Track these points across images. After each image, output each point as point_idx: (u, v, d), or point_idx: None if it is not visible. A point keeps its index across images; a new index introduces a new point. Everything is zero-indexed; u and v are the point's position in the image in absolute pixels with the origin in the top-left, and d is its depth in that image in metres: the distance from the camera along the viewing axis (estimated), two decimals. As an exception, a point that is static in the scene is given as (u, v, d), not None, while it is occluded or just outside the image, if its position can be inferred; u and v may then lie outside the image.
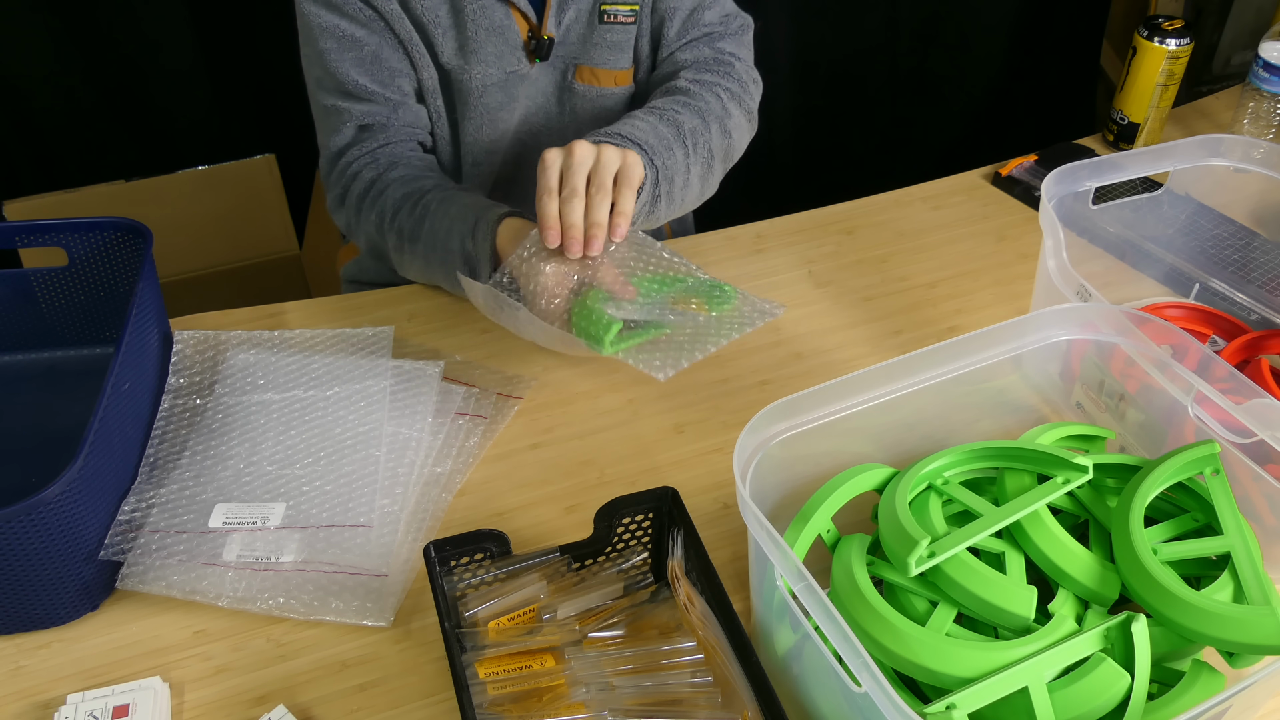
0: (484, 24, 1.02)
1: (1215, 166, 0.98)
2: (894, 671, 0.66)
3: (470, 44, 1.03)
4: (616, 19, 1.07)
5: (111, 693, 0.72)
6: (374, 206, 1.03)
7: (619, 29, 1.08)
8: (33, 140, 1.66)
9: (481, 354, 1.02)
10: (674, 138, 0.97)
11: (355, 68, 1.03)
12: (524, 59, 1.06)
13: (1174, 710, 0.61)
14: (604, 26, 1.07)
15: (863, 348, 1.04)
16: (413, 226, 0.99)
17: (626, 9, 1.07)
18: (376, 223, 1.03)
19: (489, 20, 1.02)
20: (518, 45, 1.04)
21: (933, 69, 1.97)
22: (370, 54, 1.02)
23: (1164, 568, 0.65)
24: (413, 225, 0.99)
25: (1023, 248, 1.17)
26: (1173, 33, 1.22)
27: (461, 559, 0.72)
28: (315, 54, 1.03)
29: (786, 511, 0.74)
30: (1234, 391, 0.73)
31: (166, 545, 0.79)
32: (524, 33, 1.05)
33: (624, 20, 1.07)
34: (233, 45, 1.67)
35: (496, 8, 1.02)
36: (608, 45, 1.08)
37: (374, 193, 1.03)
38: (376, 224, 1.03)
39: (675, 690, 0.68)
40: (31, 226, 0.94)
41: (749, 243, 1.17)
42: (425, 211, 0.99)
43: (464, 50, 1.03)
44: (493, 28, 1.02)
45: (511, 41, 1.04)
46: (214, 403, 0.91)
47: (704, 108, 1.02)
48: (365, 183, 1.04)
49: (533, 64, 1.07)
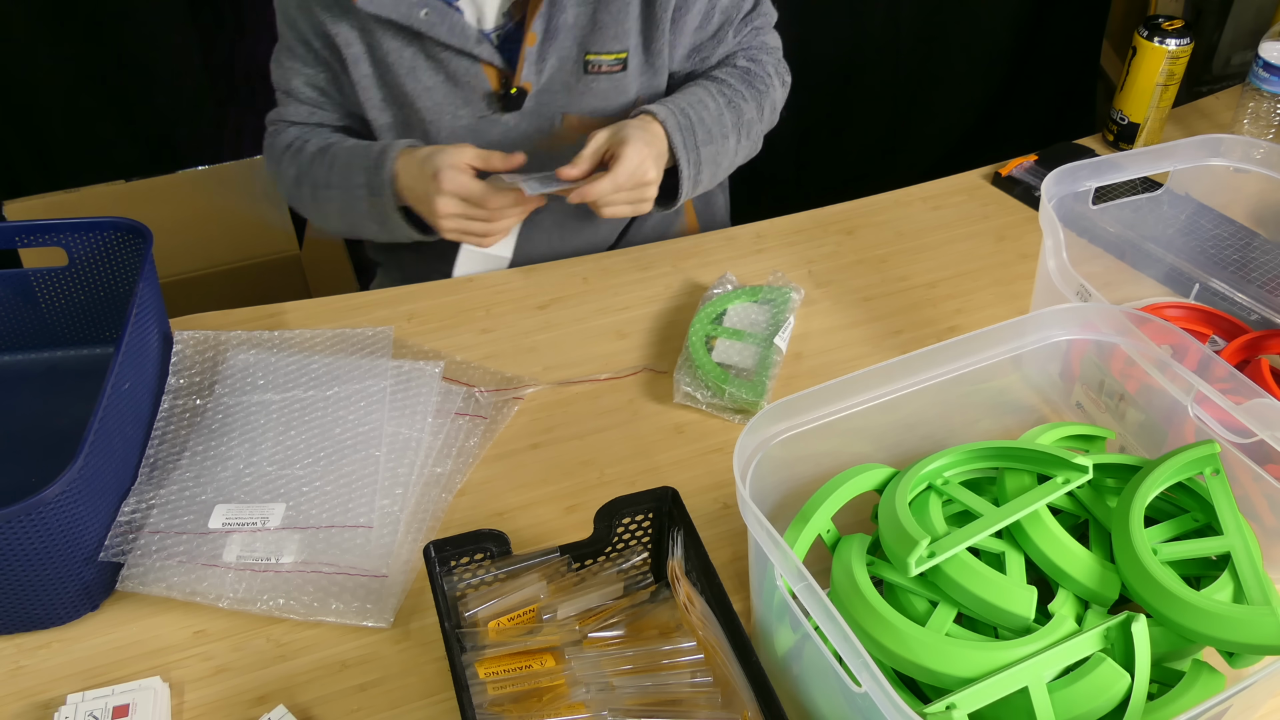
0: (450, 71, 1.02)
1: (1215, 166, 0.98)
2: (894, 671, 0.66)
3: (440, 88, 1.03)
4: (601, 69, 1.04)
5: (111, 693, 0.72)
6: (294, 161, 1.08)
7: (605, 79, 1.05)
8: (33, 140, 1.66)
9: (481, 354, 1.02)
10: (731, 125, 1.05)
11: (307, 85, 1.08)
12: (496, 107, 1.05)
13: (1174, 710, 0.61)
14: (590, 76, 1.04)
15: (863, 348, 1.04)
16: (325, 174, 1.05)
17: (612, 59, 1.03)
18: (295, 176, 1.07)
19: (454, 68, 1.02)
20: (489, 95, 1.04)
21: (933, 69, 1.97)
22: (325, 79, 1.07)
23: (1164, 568, 0.65)
24: (325, 173, 1.05)
25: (1023, 248, 1.17)
26: (1173, 33, 1.22)
27: (461, 559, 0.72)
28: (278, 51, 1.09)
29: (786, 511, 0.74)
30: (1234, 391, 0.73)
31: (166, 546, 0.79)
32: (495, 81, 1.03)
33: (609, 70, 1.04)
34: (233, 45, 1.67)
35: (460, 59, 1.01)
36: (595, 94, 1.05)
37: (294, 148, 1.08)
38: (295, 177, 1.07)
39: (675, 690, 0.68)
40: (31, 226, 0.94)
41: (749, 243, 1.17)
42: (334, 160, 1.04)
43: (434, 93, 1.04)
44: (460, 76, 1.02)
45: (480, 90, 1.04)
46: (214, 403, 0.91)
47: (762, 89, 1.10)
48: (289, 138, 1.09)
49: (503, 115, 1.06)
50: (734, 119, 1.05)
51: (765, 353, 0.98)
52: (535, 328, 1.05)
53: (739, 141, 1.06)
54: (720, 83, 1.07)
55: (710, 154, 1.02)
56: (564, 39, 1.01)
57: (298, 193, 1.10)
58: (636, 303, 1.09)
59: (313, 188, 1.07)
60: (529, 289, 1.10)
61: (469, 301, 1.08)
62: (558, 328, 1.06)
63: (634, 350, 1.03)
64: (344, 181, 1.04)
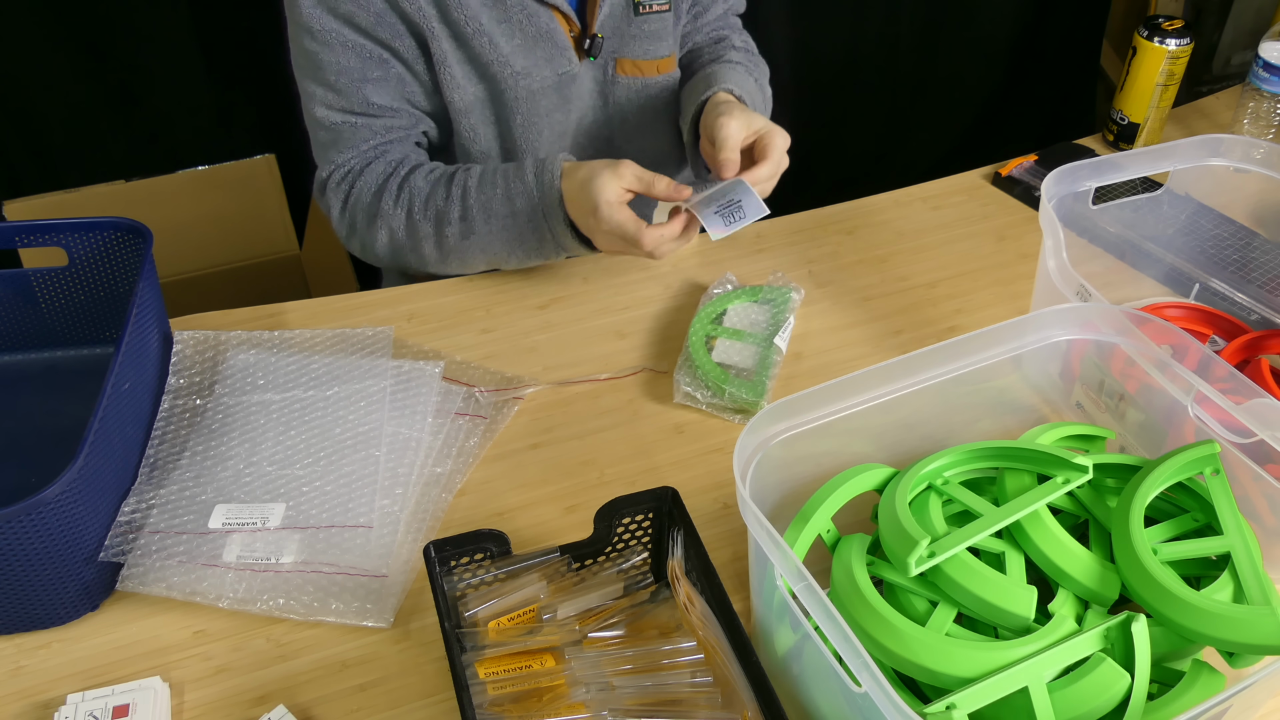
0: (531, 30, 1.01)
1: (1215, 166, 0.98)
2: (894, 671, 0.66)
3: (521, 51, 1.02)
4: (652, 8, 1.07)
5: (111, 693, 0.72)
6: (399, 202, 1.00)
7: (655, 18, 1.08)
8: (33, 140, 1.66)
9: (481, 354, 1.02)
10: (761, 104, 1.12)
11: (378, 88, 1.01)
12: (574, 59, 1.06)
13: (1174, 710, 0.61)
14: (640, 18, 1.07)
15: (863, 348, 1.04)
16: (461, 207, 0.99)
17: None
18: (405, 217, 1.01)
19: (535, 26, 1.01)
20: (566, 46, 1.04)
21: (933, 69, 1.97)
22: (396, 75, 1.01)
23: (1164, 568, 0.65)
24: (460, 206, 0.99)
25: (1023, 248, 1.17)
26: (1173, 33, 1.22)
27: (461, 559, 0.72)
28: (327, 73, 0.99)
29: (786, 511, 0.74)
30: (1234, 391, 0.73)
31: (166, 546, 0.79)
32: (569, 33, 1.05)
33: (659, 9, 1.08)
34: (233, 45, 1.67)
35: (541, 12, 1.01)
36: (645, 36, 1.09)
37: (391, 188, 1.01)
38: (405, 218, 1.01)
39: (675, 690, 0.68)
40: (31, 226, 0.94)
41: (749, 243, 1.17)
42: (465, 189, 0.99)
43: (514, 58, 1.02)
44: (540, 32, 1.02)
45: (560, 43, 1.04)
46: (214, 403, 0.91)
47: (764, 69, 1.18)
48: (378, 178, 1.02)
49: (582, 61, 1.07)
50: (761, 98, 1.12)
51: (765, 353, 0.98)
52: (535, 328, 1.05)
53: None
54: (740, 65, 1.12)
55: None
56: None
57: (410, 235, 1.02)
58: (636, 303, 1.09)
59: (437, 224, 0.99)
60: (529, 289, 1.10)
61: (469, 301, 1.08)
62: (558, 328, 1.06)
63: (634, 350, 1.03)
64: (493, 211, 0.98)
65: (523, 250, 1.02)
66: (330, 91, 1.01)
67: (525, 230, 0.99)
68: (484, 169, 1.00)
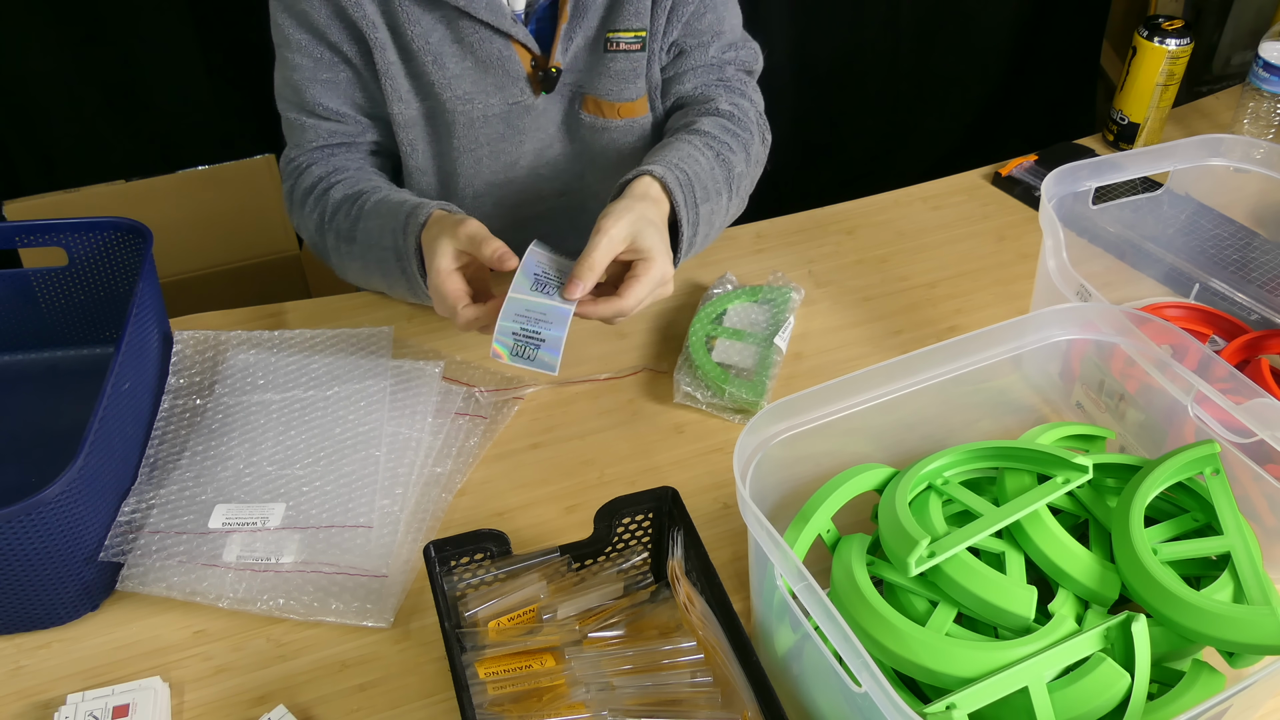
0: (482, 56, 1.00)
1: (1215, 166, 0.98)
2: (894, 671, 0.66)
3: (470, 75, 1.01)
4: (619, 47, 1.03)
5: (111, 693, 0.72)
6: (317, 206, 1.02)
7: (623, 57, 1.04)
8: (33, 140, 1.66)
9: (481, 354, 1.02)
10: (723, 181, 1.00)
11: (326, 91, 1.01)
12: (528, 90, 1.03)
13: (1174, 710, 0.61)
14: (609, 55, 1.04)
15: (863, 348, 1.04)
16: (349, 227, 0.98)
17: (631, 35, 1.03)
18: (317, 222, 1.02)
19: (488, 52, 1.00)
20: (520, 76, 1.02)
21: (932, 69, 1.97)
22: (346, 79, 1.01)
23: (1164, 568, 0.65)
24: (349, 225, 0.98)
25: (1023, 248, 1.17)
26: (1173, 33, 1.22)
27: (461, 559, 0.72)
28: (284, 67, 1.01)
29: (786, 511, 0.74)
30: (1234, 391, 0.73)
31: (166, 546, 0.79)
32: (526, 64, 1.02)
33: (628, 48, 1.03)
34: (233, 45, 1.67)
35: (495, 39, 0.99)
36: (612, 75, 1.04)
37: (318, 191, 1.02)
38: (317, 223, 1.02)
39: (675, 690, 0.68)
40: (31, 226, 0.94)
41: (749, 243, 1.17)
42: (360, 212, 0.98)
43: (462, 80, 1.01)
44: (492, 59, 1.00)
45: (513, 73, 1.02)
46: (214, 403, 0.91)
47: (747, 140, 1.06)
48: (312, 179, 1.03)
49: (538, 95, 1.04)
50: (724, 174, 1.01)
51: (765, 353, 0.98)
52: (535, 328, 1.05)
53: (729, 199, 1.02)
54: (705, 135, 1.02)
55: (707, 212, 0.98)
56: (590, 16, 1.02)
57: (320, 241, 1.03)
58: (636, 303, 1.08)
59: (336, 237, 1.00)
60: (529, 289, 1.10)
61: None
62: (558, 328, 1.05)
63: (634, 350, 1.03)
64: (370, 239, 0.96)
65: (393, 286, 0.99)
66: (286, 86, 1.03)
67: (391, 267, 0.95)
68: (381, 196, 0.98)
